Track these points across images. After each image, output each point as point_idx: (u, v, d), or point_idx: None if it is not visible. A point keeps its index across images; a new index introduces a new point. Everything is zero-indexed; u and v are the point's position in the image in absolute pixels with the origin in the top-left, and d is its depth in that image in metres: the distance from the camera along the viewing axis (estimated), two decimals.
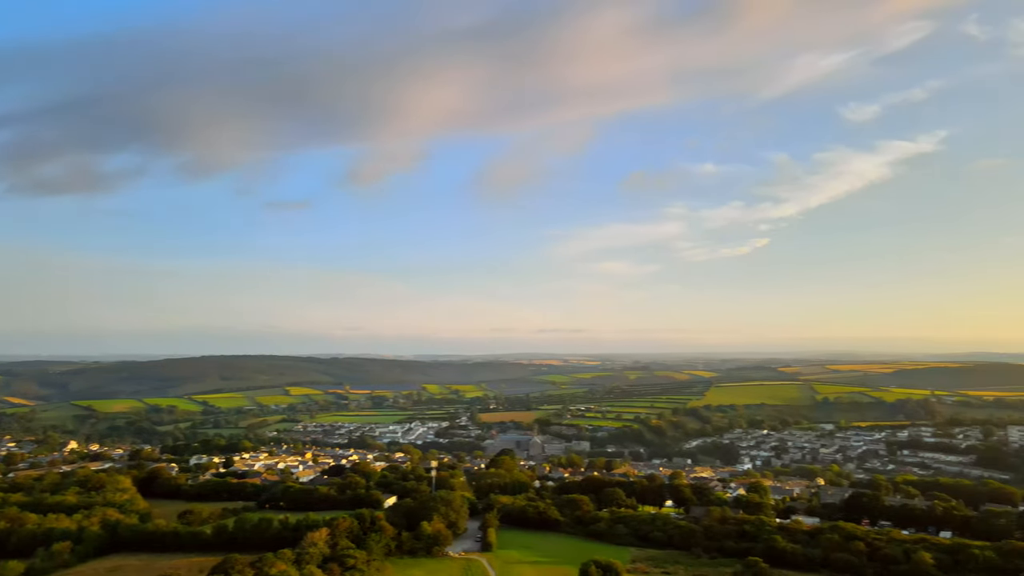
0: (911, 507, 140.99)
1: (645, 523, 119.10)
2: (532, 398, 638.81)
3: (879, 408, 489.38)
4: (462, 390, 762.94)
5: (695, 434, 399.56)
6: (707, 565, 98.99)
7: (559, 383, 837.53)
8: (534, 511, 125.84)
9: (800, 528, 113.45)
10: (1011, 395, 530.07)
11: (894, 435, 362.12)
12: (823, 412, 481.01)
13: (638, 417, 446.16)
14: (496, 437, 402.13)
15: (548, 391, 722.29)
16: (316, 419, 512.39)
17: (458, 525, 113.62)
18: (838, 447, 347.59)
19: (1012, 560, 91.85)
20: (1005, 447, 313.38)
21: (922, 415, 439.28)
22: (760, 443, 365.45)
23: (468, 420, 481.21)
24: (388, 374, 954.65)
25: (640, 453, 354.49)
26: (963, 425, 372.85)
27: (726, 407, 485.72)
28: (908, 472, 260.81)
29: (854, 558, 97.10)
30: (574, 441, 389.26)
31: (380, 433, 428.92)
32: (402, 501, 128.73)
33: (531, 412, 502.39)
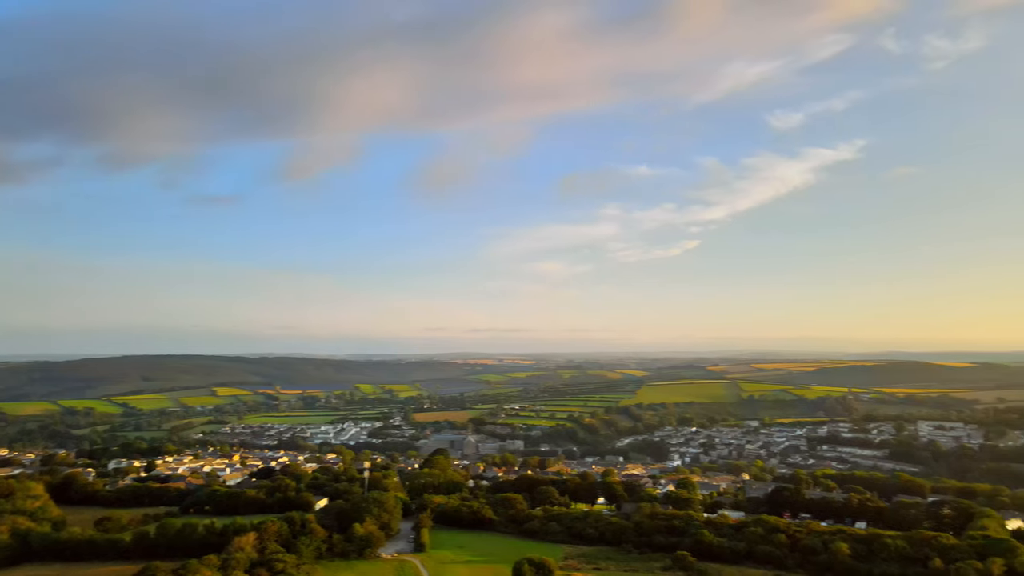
0: (829, 500, 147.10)
1: (578, 520, 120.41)
2: (467, 397, 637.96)
3: (801, 405, 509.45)
4: (396, 390, 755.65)
5: (627, 432, 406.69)
6: (637, 560, 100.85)
7: (494, 382, 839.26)
8: (468, 511, 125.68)
9: (726, 522, 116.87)
10: (921, 392, 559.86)
11: (814, 431, 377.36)
12: (749, 409, 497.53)
13: (572, 416, 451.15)
14: (430, 437, 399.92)
15: (483, 390, 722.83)
16: (245, 420, 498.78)
17: (391, 526, 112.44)
18: (762, 443, 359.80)
19: (921, 549, 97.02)
20: (915, 441, 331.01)
21: (840, 412, 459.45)
22: (689, 440, 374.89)
23: (402, 420, 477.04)
24: (320, 374, 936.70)
25: (573, 451, 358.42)
26: (877, 421, 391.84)
27: (657, 405, 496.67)
28: (827, 466, 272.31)
29: (776, 550, 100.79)
30: (508, 440, 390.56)
31: (312, 434, 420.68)
32: (334, 503, 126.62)
33: (466, 412, 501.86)
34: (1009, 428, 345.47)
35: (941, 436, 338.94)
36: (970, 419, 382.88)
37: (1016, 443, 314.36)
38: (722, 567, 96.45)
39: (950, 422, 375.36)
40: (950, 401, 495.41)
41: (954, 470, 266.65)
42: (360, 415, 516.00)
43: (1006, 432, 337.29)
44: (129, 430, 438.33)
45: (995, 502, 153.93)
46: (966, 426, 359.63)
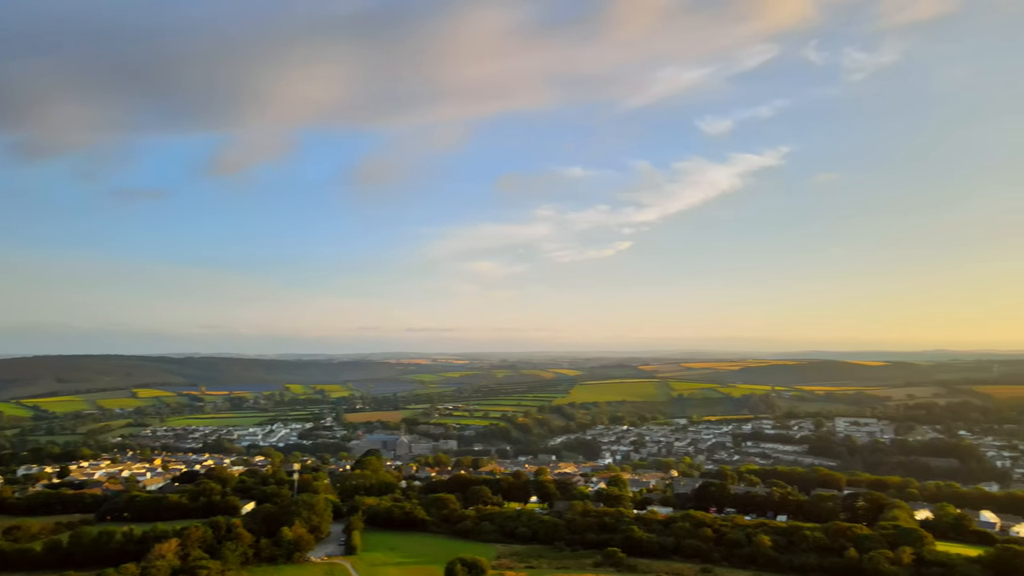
0: (753, 494, 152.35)
1: (511, 519, 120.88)
2: (400, 397, 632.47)
3: (727, 403, 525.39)
4: (328, 390, 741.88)
5: (560, 431, 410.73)
6: (569, 558, 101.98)
7: (427, 382, 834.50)
8: (400, 511, 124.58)
9: (655, 518, 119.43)
10: (838, 390, 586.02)
11: (739, 428, 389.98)
12: (678, 407, 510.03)
13: (505, 415, 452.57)
14: (362, 437, 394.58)
15: (416, 390, 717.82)
16: (167, 423, 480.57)
17: (321, 529, 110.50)
18: (690, 440, 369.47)
19: (837, 539, 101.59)
20: (833, 437, 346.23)
21: (764, 409, 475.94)
22: (620, 438, 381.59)
23: (334, 421, 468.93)
24: (248, 374, 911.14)
25: (507, 451, 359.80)
26: (798, 417, 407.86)
27: (589, 404, 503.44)
28: (751, 462, 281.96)
29: (703, 544, 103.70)
30: (442, 440, 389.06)
31: (239, 436, 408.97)
32: (261, 506, 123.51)
33: (399, 412, 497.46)
34: (918, 423, 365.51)
35: (856, 432, 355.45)
36: (883, 415, 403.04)
37: (924, 437, 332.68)
38: (651, 562, 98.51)
39: (864, 418, 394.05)
40: (865, 398, 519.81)
41: (868, 464, 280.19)
42: (290, 416, 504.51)
43: (915, 427, 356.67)
44: (40, 434, 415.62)
45: (905, 493, 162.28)
46: (879, 422, 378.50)
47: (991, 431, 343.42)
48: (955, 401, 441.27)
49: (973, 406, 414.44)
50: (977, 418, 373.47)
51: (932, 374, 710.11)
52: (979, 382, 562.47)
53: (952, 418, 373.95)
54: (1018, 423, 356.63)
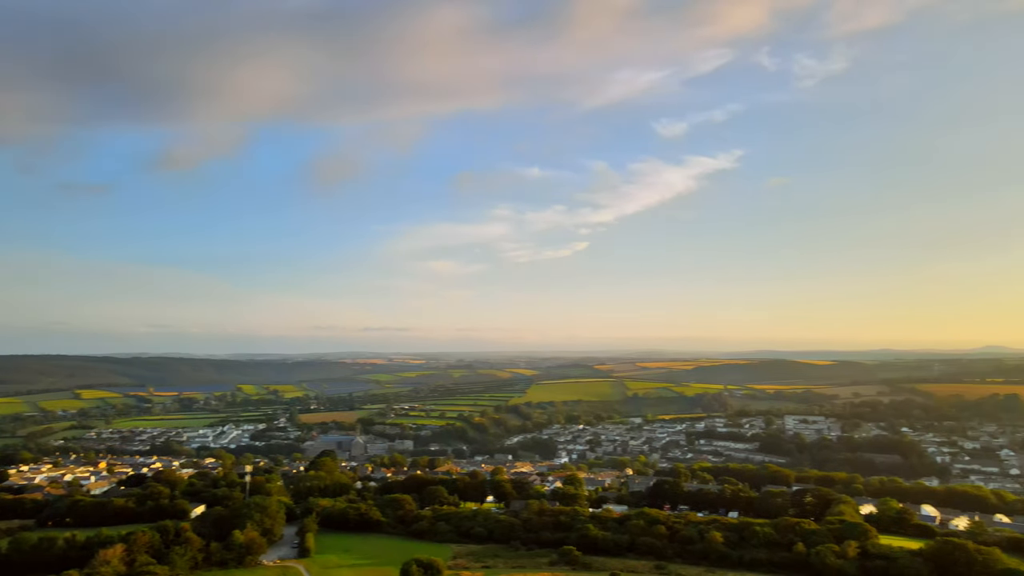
0: (706, 491, 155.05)
1: (467, 519, 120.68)
2: (355, 398, 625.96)
3: (681, 402, 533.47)
4: (281, 390, 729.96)
5: (516, 430, 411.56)
6: (525, 557, 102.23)
7: (383, 382, 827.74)
8: (355, 513, 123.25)
9: (610, 516, 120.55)
10: (788, 388, 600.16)
11: (693, 426, 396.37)
12: (633, 406, 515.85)
13: (462, 415, 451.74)
14: (317, 438, 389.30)
15: (372, 390, 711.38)
16: (113, 425, 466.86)
17: (274, 532, 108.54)
18: (645, 439, 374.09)
19: (786, 534, 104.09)
20: (782, 434, 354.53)
21: (716, 408, 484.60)
22: (576, 437, 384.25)
23: (287, 421, 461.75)
24: (199, 375, 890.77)
25: (463, 451, 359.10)
26: (749, 416, 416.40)
27: (546, 404, 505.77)
28: (704, 459, 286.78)
29: (657, 541, 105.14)
30: (398, 440, 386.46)
31: (188, 438, 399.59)
32: (212, 509, 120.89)
33: (354, 412, 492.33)
34: (863, 421, 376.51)
35: (805, 429, 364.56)
36: (830, 413, 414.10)
37: (869, 434, 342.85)
38: (606, 559, 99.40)
39: (813, 416, 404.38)
40: (813, 396, 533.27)
41: (816, 460, 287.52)
42: (242, 417, 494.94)
43: (860, 424, 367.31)
44: None
45: (851, 489, 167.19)
46: (826, 419, 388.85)
47: (932, 428, 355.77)
48: (898, 399, 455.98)
49: (915, 404, 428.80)
50: (919, 415, 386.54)
51: (877, 373, 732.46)
52: (921, 381, 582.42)
53: (895, 416, 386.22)
54: (957, 420, 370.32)
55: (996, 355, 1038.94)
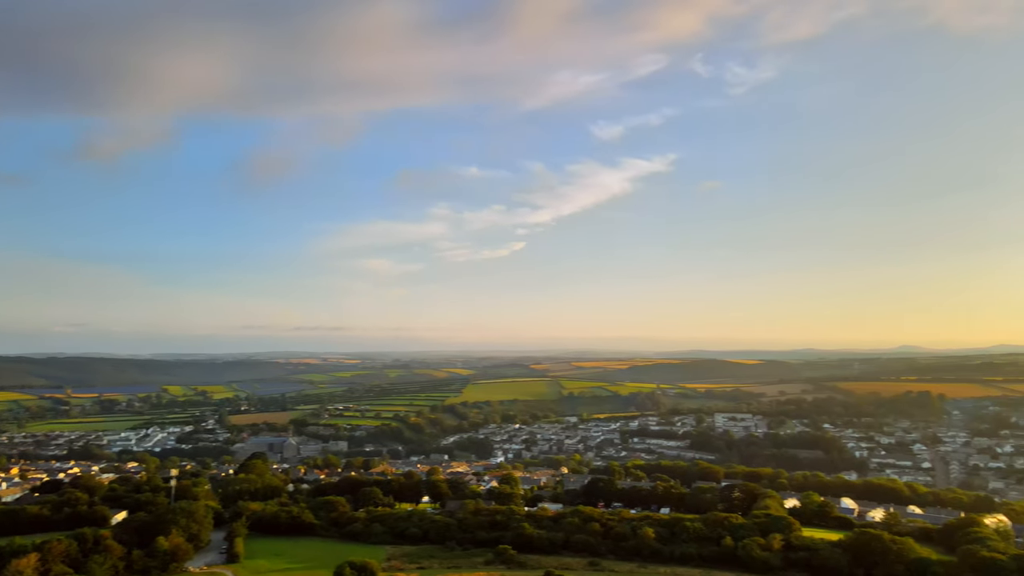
0: (639, 488, 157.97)
1: (402, 520, 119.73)
2: (288, 398, 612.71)
3: (615, 401, 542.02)
4: (210, 391, 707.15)
5: (453, 430, 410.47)
6: (460, 556, 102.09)
7: (317, 382, 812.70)
8: (287, 516, 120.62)
9: (546, 514, 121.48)
10: (718, 387, 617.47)
11: (627, 425, 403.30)
12: (568, 405, 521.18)
13: (397, 415, 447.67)
14: (247, 440, 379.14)
15: (306, 391, 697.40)
16: (27, 428, 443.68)
17: (201, 537, 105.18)
18: (580, 437, 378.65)
19: (715, 529, 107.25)
20: (712, 432, 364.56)
21: (650, 406, 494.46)
22: (513, 437, 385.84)
23: (216, 423, 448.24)
24: (121, 375, 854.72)
25: (399, 451, 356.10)
26: (681, 414, 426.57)
27: (482, 403, 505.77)
28: (637, 457, 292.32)
29: (591, 538, 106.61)
30: (332, 441, 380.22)
31: (110, 441, 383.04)
32: (134, 516, 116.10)
33: (286, 413, 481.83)
34: (788, 418, 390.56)
35: (734, 426, 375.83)
36: (757, 411, 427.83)
37: (793, 431, 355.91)
38: (541, 557, 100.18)
39: (741, 414, 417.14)
40: (742, 395, 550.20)
41: (744, 456, 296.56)
42: (168, 419, 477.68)
43: (785, 421, 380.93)
44: None
45: (776, 484, 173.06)
46: (754, 417, 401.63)
47: (851, 424, 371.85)
48: (821, 397, 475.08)
49: (836, 401, 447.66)
50: (839, 412, 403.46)
51: (801, 372, 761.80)
52: (841, 379, 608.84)
53: (818, 413, 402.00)
54: (874, 416, 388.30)
55: (910, 355, 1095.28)
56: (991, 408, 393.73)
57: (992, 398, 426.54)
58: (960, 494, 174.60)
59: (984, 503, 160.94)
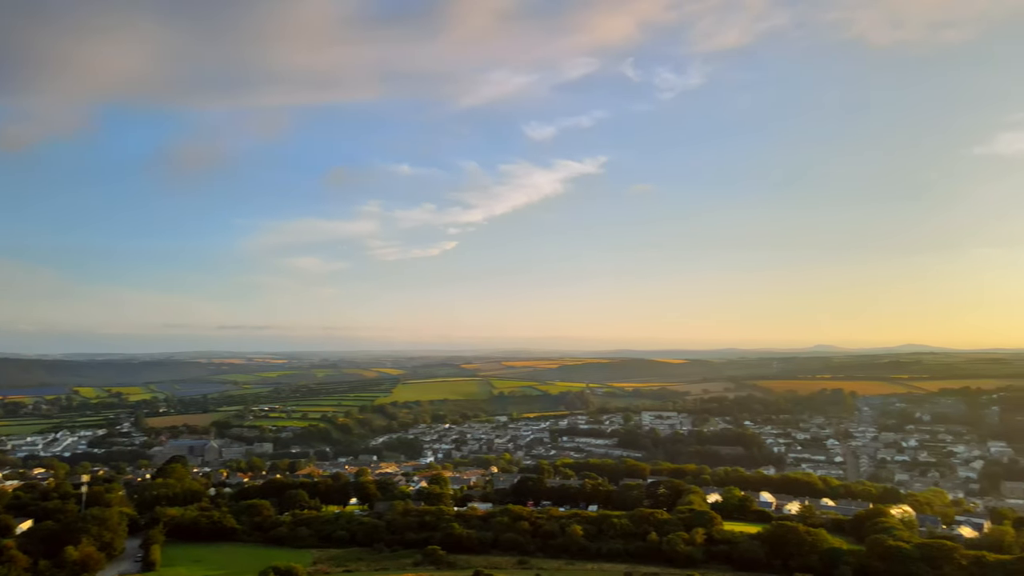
0: (567, 487, 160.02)
1: (329, 523, 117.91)
2: (210, 399, 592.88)
3: (545, 400, 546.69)
4: (126, 393, 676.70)
5: (382, 431, 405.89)
6: (389, 558, 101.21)
7: (242, 383, 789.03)
8: (207, 521, 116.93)
9: (475, 514, 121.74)
10: (645, 386, 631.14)
11: (556, 424, 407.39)
12: (499, 405, 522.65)
13: (325, 416, 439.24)
14: (166, 443, 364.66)
15: (229, 391, 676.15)
16: None
17: (115, 546, 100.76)
18: (510, 437, 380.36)
19: (641, 525, 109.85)
20: (639, 430, 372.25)
21: (579, 405, 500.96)
22: (443, 436, 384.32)
23: (132, 426, 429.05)
24: (27, 376, 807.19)
25: (326, 452, 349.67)
26: (610, 413, 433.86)
27: (412, 403, 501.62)
28: (567, 456, 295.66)
29: (520, 536, 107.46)
30: (256, 444, 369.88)
31: (14, 446, 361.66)
32: (41, 524, 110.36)
33: (209, 415, 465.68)
34: (711, 415, 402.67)
35: (660, 424, 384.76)
36: (682, 409, 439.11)
37: (716, 428, 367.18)
38: (470, 557, 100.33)
39: (667, 412, 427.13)
40: (667, 393, 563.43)
41: (669, 453, 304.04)
42: (79, 423, 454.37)
43: (709, 419, 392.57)
44: None
45: (699, 479, 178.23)
46: (679, 415, 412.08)
47: (770, 421, 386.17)
48: (742, 395, 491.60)
49: (756, 399, 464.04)
50: (759, 409, 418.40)
51: (724, 371, 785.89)
52: (761, 377, 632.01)
53: (739, 410, 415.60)
54: (791, 413, 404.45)
55: (825, 354, 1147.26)
56: (897, 404, 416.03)
57: (898, 395, 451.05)
58: (869, 486, 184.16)
59: (891, 494, 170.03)
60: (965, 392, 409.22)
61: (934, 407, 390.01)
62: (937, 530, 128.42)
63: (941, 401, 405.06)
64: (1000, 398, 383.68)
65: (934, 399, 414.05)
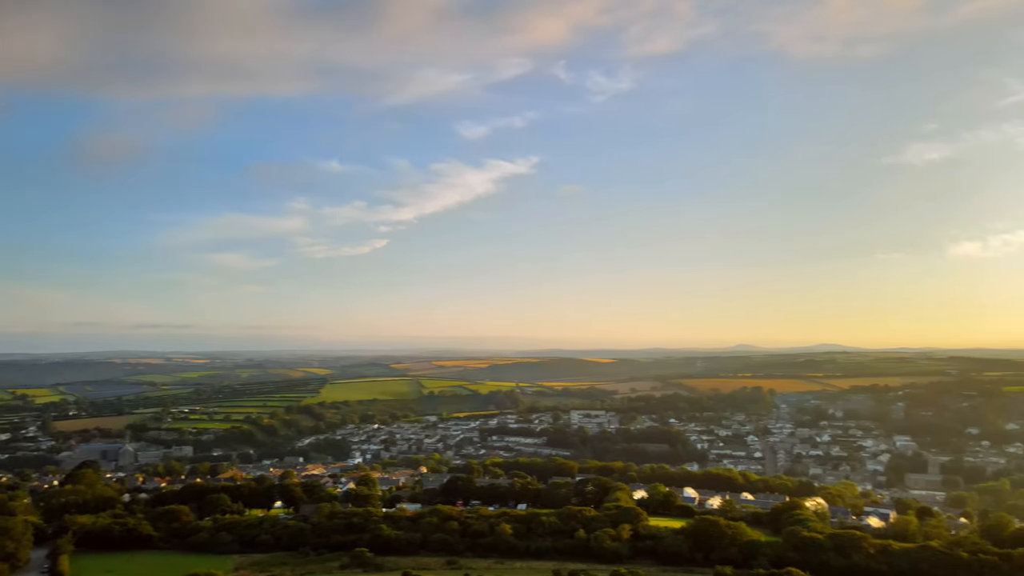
0: (497, 486, 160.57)
1: (252, 528, 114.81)
2: (125, 401, 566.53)
3: (475, 399, 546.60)
4: (32, 395, 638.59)
5: (308, 432, 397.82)
6: (315, 562, 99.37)
7: (160, 384, 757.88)
8: (121, 529, 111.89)
9: (404, 515, 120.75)
10: (574, 385, 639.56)
11: (486, 423, 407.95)
12: (429, 405, 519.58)
13: (249, 417, 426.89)
14: (76, 448, 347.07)
15: (147, 393, 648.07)
16: None
17: (19, 556, 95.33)
18: (440, 437, 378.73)
19: (569, 522, 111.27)
20: (568, 428, 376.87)
21: (509, 405, 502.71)
22: (371, 437, 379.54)
23: (39, 430, 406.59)
24: None
25: (250, 455, 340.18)
26: (539, 412, 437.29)
27: (340, 403, 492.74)
28: (496, 455, 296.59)
29: (449, 536, 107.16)
30: (175, 447, 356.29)
31: None
32: None
33: (123, 417, 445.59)
34: (638, 413, 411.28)
35: (588, 423, 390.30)
36: (610, 407, 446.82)
37: (643, 426, 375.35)
38: (398, 559, 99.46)
39: (595, 410, 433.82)
40: (596, 392, 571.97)
41: (597, 451, 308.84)
42: None
43: (636, 417, 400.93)
44: None
45: (626, 476, 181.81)
46: (607, 413, 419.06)
47: (694, 418, 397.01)
48: (668, 393, 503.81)
49: (681, 397, 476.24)
50: (684, 407, 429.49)
51: (650, 370, 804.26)
52: (686, 376, 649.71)
53: (665, 408, 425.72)
54: (714, 411, 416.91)
55: (746, 353, 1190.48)
56: (812, 401, 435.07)
57: (813, 392, 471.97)
58: (786, 480, 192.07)
59: (805, 488, 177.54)
60: (874, 389, 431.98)
61: (846, 404, 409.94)
62: (848, 521, 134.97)
63: (852, 398, 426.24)
64: (905, 395, 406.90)
65: (846, 396, 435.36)
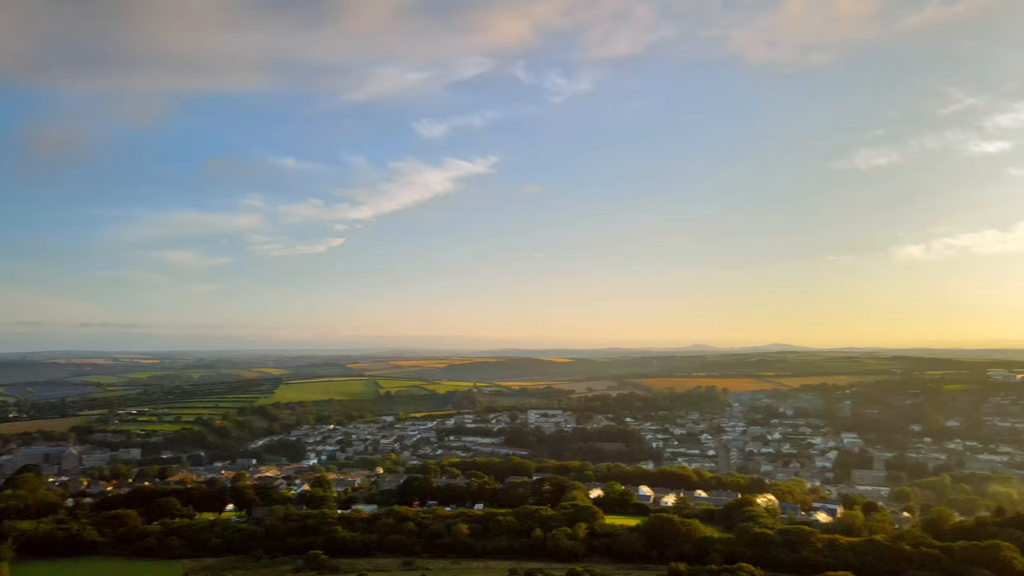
0: (454, 486, 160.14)
1: (202, 531, 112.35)
2: (69, 403, 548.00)
3: (432, 399, 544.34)
4: None
5: (262, 433, 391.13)
6: (268, 566, 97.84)
7: (106, 384, 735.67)
8: (64, 534, 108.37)
9: (359, 516, 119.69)
10: (532, 385, 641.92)
11: (443, 423, 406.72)
12: (385, 405, 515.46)
13: (200, 418, 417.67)
14: (17, 451, 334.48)
15: (92, 394, 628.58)
16: None
17: None
18: (397, 437, 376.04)
19: (526, 521, 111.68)
20: (525, 428, 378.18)
21: (466, 404, 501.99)
22: (327, 438, 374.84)
23: None
24: None
25: (201, 457, 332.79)
26: (496, 411, 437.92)
27: (295, 404, 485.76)
28: (453, 455, 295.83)
29: (405, 538, 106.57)
30: (122, 450, 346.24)
31: None
32: None
33: (67, 419, 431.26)
34: (595, 413, 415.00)
35: (545, 422, 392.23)
36: (567, 407, 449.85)
37: (599, 425, 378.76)
38: (354, 560, 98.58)
39: (552, 410, 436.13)
40: (553, 392, 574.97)
41: (554, 451, 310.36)
42: None
43: (592, 416, 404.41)
44: None
45: (583, 475, 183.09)
46: (564, 413, 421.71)
47: (650, 417, 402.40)
48: (624, 392, 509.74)
49: (637, 396, 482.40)
50: (640, 406, 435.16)
51: (607, 369, 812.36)
52: (642, 375, 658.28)
53: (621, 407, 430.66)
54: (669, 410, 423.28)
55: (700, 353, 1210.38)
56: (764, 400, 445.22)
57: (765, 391, 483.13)
58: (738, 477, 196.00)
59: (757, 485, 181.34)
60: (823, 388, 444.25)
61: (796, 402, 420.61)
62: (797, 516, 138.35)
63: (802, 396, 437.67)
64: (852, 393, 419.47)
65: (796, 395, 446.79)
